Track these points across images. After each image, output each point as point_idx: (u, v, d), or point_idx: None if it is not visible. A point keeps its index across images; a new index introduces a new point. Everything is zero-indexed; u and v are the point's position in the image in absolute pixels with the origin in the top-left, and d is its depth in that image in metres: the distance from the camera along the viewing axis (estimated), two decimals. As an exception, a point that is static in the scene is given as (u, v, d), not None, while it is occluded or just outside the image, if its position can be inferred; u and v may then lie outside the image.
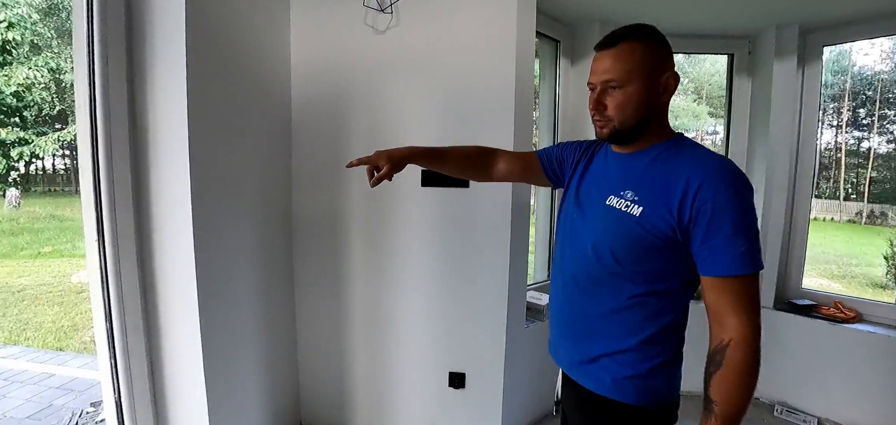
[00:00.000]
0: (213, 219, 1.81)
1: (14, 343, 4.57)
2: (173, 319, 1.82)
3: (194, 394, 1.86)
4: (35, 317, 5.31)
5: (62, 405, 3.39)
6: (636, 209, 1.00)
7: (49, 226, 11.66)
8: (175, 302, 1.80)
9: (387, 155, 1.26)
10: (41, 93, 11.02)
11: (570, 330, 1.18)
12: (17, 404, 3.41)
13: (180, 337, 1.83)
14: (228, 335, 1.99)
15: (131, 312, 1.75)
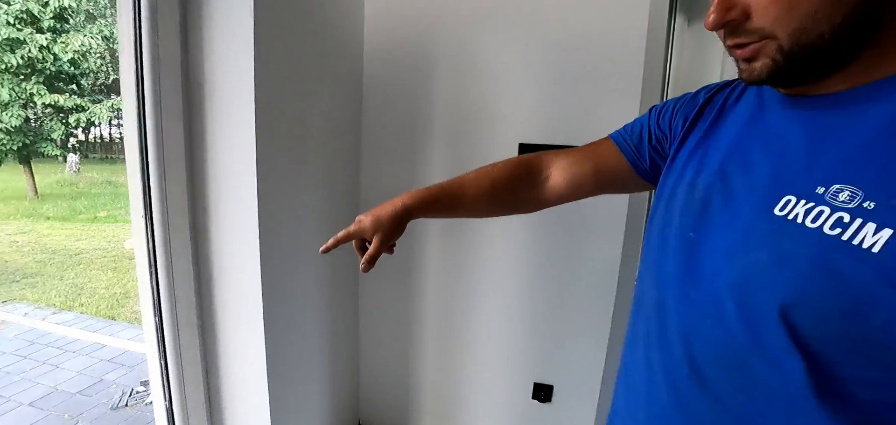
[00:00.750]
0: (278, 193, 1.48)
1: (69, 308, 4.58)
2: (232, 309, 1.53)
3: (253, 388, 1.59)
4: (89, 282, 5.35)
5: (113, 381, 3.28)
6: (870, 232, 0.41)
7: (105, 192, 12.11)
8: (234, 288, 1.50)
9: (373, 219, 0.84)
10: (96, 60, 11.27)
11: None
12: (69, 376, 3.33)
13: (239, 327, 1.54)
14: (291, 325, 1.70)
15: (183, 301, 1.47)
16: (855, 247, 0.40)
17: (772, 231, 0.48)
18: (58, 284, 5.25)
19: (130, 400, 3.01)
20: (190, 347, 1.51)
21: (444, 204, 0.89)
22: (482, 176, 0.89)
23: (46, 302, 4.73)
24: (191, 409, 1.59)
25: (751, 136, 0.58)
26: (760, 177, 0.53)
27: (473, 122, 1.92)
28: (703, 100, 0.68)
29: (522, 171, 0.90)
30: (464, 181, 0.89)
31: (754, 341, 0.48)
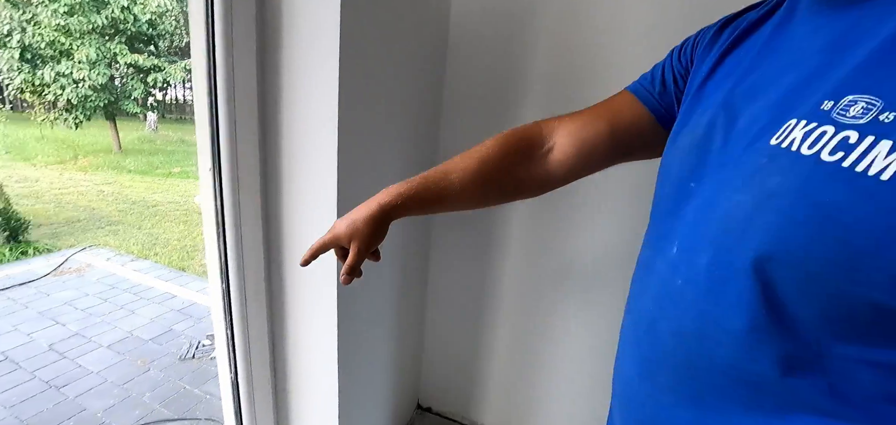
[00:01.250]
0: (357, 156, 1.29)
1: (145, 257, 4.82)
2: (304, 279, 1.36)
3: (322, 364, 1.45)
4: (163, 233, 5.64)
5: (181, 332, 3.37)
6: (881, 154, 0.30)
7: (179, 150, 12.88)
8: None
9: (349, 224, 0.73)
10: (171, 22, 11.79)
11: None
12: (143, 323, 3.46)
13: (309, 299, 1.38)
14: (363, 300, 1.54)
15: (252, 267, 1.32)
16: (857, 174, 0.31)
17: (759, 166, 0.39)
18: (136, 233, 5.57)
19: (197, 353, 3.07)
20: (257, 317, 1.37)
21: (427, 197, 0.73)
22: (469, 158, 0.73)
23: (126, 249, 5.02)
24: (256, 382, 1.47)
25: (766, 56, 0.48)
26: (765, 104, 0.43)
27: (579, 82, 1.61)
28: (722, 22, 0.59)
29: (518, 144, 0.74)
30: (448, 168, 0.74)
31: (718, 306, 0.40)
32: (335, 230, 0.74)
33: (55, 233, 5.39)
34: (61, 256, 4.65)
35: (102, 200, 7.02)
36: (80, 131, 13.82)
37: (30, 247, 4.79)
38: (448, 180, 0.72)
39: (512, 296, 2.01)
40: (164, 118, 19.82)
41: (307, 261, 0.78)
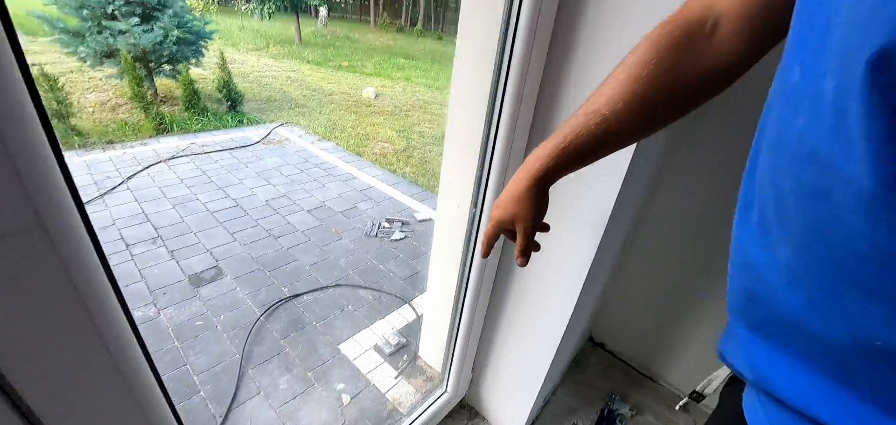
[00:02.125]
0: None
1: (328, 139, 5.33)
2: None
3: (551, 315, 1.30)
4: (340, 120, 6.15)
5: (364, 210, 3.64)
6: None
7: (345, 45, 13.86)
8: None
9: (506, 205, 0.67)
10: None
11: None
12: (333, 196, 3.82)
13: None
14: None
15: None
16: None
17: None
18: (318, 117, 6.18)
19: (379, 233, 3.29)
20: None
21: (584, 150, 0.59)
22: (617, 85, 0.54)
23: (313, 129, 5.61)
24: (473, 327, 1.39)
25: None
26: None
27: None
28: None
29: (673, 40, 0.52)
30: (596, 106, 0.56)
31: (831, 128, 0.31)
32: (496, 216, 0.69)
33: (260, 108, 6.28)
34: (266, 128, 5.40)
35: (290, 85, 7.94)
36: (269, 23, 15.77)
37: (244, 118, 5.66)
38: (604, 121, 0.56)
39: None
40: (330, 17, 21.34)
41: (486, 253, 0.76)
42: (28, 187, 0.41)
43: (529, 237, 0.68)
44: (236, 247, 2.91)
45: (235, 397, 1.89)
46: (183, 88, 5.37)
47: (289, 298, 2.51)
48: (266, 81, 7.92)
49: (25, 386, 0.48)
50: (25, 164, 0.40)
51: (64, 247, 0.46)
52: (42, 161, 0.42)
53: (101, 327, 0.53)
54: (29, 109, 0.40)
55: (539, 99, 1.07)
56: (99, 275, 0.51)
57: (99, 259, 0.51)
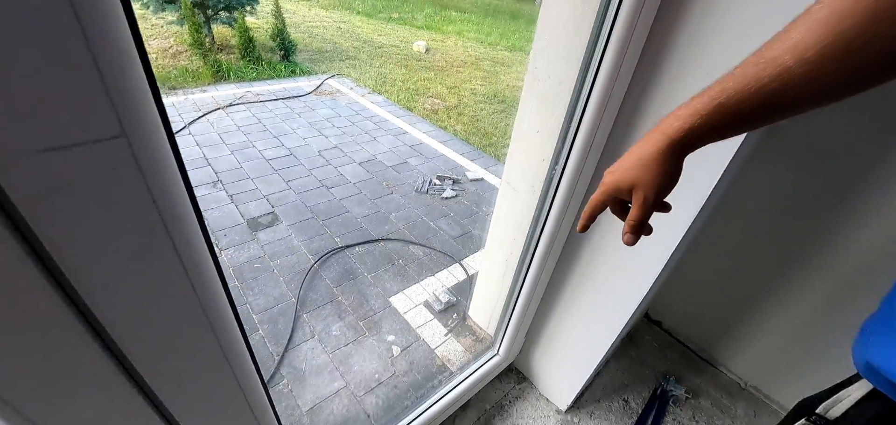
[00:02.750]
0: None
1: (378, 92, 5.28)
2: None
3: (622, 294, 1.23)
4: (390, 74, 6.08)
5: (415, 166, 3.61)
6: None
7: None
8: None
9: (629, 170, 0.56)
10: None
11: None
12: (383, 150, 3.81)
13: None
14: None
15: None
16: None
17: None
18: (368, 69, 6.13)
19: (430, 190, 3.26)
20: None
21: (749, 110, 0.45)
22: (809, 26, 0.41)
23: (363, 82, 5.58)
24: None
25: None
26: None
27: None
28: None
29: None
30: (774, 53, 0.43)
31: None
32: (610, 182, 0.59)
33: (311, 59, 6.30)
34: (318, 79, 5.42)
35: (340, 36, 7.89)
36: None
37: (296, 68, 5.70)
38: (785, 73, 0.42)
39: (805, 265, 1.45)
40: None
41: (585, 227, 0.64)
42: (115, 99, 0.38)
43: (648, 211, 0.57)
44: (291, 195, 2.98)
45: (291, 339, 1.96)
46: (239, 36, 5.45)
47: (341, 248, 2.55)
48: (317, 32, 7.91)
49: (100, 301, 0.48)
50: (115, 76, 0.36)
51: (147, 158, 0.44)
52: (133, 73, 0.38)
53: (182, 253, 0.51)
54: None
55: (647, 44, 0.95)
56: (185, 205, 0.49)
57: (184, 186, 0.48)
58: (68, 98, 0.35)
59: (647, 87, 1.00)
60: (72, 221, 0.40)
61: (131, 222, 0.45)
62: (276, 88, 4.91)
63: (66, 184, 0.38)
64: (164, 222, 0.47)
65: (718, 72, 0.85)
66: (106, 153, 0.39)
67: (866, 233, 1.45)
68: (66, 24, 0.33)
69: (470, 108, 5.20)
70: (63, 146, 0.37)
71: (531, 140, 1.29)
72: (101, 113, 0.37)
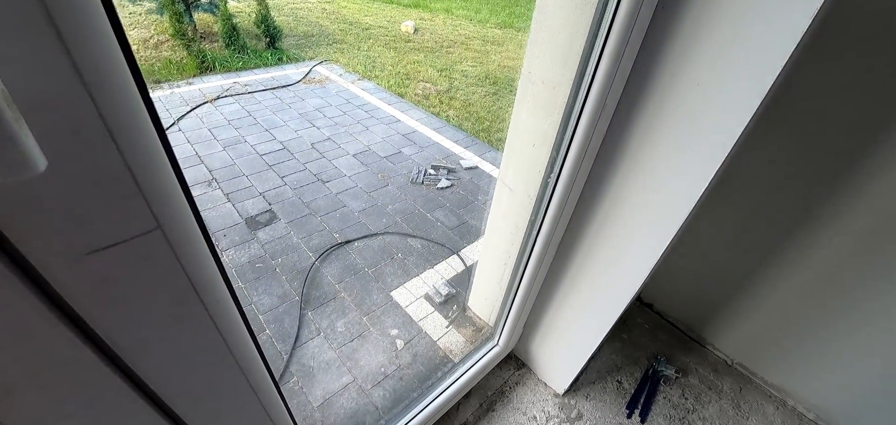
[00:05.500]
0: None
1: (368, 78, 5.23)
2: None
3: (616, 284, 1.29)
4: (379, 57, 6.00)
5: (409, 156, 3.62)
6: None
7: (379, -28, 13.18)
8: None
9: None
10: None
11: None
12: (377, 140, 3.81)
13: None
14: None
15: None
16: None
17: None
18: (357, 53, 6.05)
19: (425, 180, 3.29)
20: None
21: None
22: None
23: (352, 68, 5.51)
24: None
25: None
26: None
27: None
28: None
29: None
30: None
31: None
32: None
33: (298, 44, 6.19)
34: (306, 66, 5.35)
35: (326, 18, 7.73)
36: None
37: (283, 55, 5.61)
38: None
39: (807, 250, 1.54)
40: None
41: None
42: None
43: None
44: (287, 191, 2.99)
45: (298, 337, 2.02)
46: (221, 23, 5.33)
47: (341, 244, 2.59)
48: (302, 15, 7.74)
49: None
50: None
51: (180, 246, 0.48)
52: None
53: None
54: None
55: (640, 53, 0.98)
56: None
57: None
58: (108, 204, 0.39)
59: (640, 96, 1.04)
60: (118, 305, 0.44)
61: (168, 295, 0.49)
62: (264, 78, 4.84)
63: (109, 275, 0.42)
64: (195, 290, 0.51)
65: (711, 82, 0.89)
66: (143, 245, 0.43)
67: (850, 219, 1.52)
68: (101, 140, 0.36)
69: (462, 92, 5.18)
70: (105, 246, 0.40)
71: (526, 147, 1.32)
72: (137, 213, 0.41)
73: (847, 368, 1.73)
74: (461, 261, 2.58)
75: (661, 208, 1.13)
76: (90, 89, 0.34)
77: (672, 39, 0.93)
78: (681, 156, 1.03)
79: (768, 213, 1.71)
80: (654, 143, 1.06)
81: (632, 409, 1.88)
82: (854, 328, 1.65)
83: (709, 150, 0.98)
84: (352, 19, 7.81)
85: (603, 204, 1.26)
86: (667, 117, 1.01)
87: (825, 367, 1.79)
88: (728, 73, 0.88)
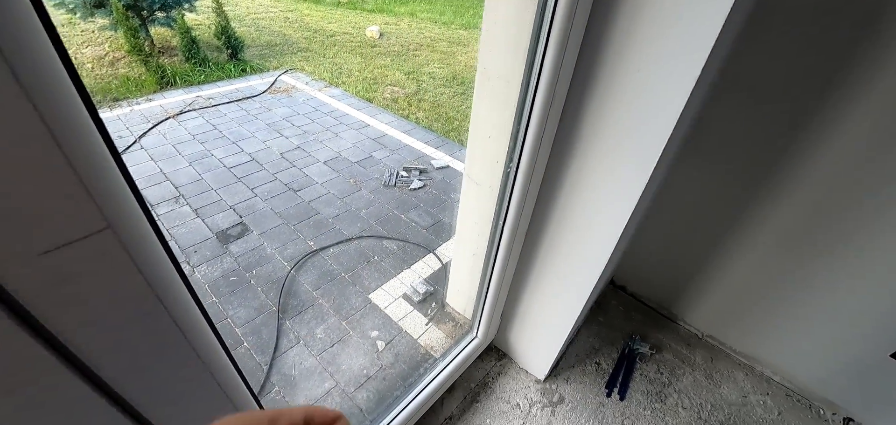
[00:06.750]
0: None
1: (335, 84, 5.19)
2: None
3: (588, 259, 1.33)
4: (346, 64, 5.96)
5: (380, 159, 3.62)
6: None
7: (341, -21, 13.10)
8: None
9: None
10: None
11: None
12: (347, 146, 3.79)
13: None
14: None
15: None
16: None
17: None
18: (323, 61, 5.99)
19: (397, 182, 3.29)
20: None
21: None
22: None
23: (319, 75, 5.46)
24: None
25: None
26: None
27: None
28: None
29: None
30: None
31: None
32: None
33: (261, 55, 6.09)
34: (271, 76, 5.27)
35: (289, 27, 7.63)
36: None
37: (247, 66, 5.50)
38: None
39: (765, 220, 1.63)
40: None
41: None
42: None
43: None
44: (258, 203, 2.94)
45: (277, 347, 1.99)
46: (180, 37, 5.19)
47: (316, 251, 2.57)
48: (263, 24, 7.61)
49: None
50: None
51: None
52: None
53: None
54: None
55: (584, 41, 1.03)
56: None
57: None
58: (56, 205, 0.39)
59: (588, 84, 1.08)
60: (74, 306, 0.44)
61: (125, 294, 0.49)
62: (227, 90, 4.74)
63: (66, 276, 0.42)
64: (152, 289, 0.51)
65: (649, 66, 0.94)
66: (94, 245, 0.43)
67: (799, 187, 1.61)
68: (43, 138, 0.37)
69: (430, 93, 5.20)
70: (57, 246, 0.40)
71: (486, 140, 1.36)
72: (85, 213, 0.41)
73: (808, 332, 1.83)
74: (437, 260, 2.60)
75: (617, 189, 1.17)
76: (29, 94, 0.34)
77: (612, 28, 0.97)
78: (630, 138, 1.07)
79: (724, 189, 1.80)
80: (604, 128, 1.11)
81: (611, 388, 1.94)
82: (812, 294, 1.74)
83: (655, 130, 1.02)
84: (316, 27, 7.73)
85: (563, 190, 1.30)
86: (614, 103, 1.06)
87: (788, 332, 1.89)
88: (665, 55, 0.93)
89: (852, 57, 1.34)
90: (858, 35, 1.31)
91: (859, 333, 1.69)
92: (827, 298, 1.72)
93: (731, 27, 0.92)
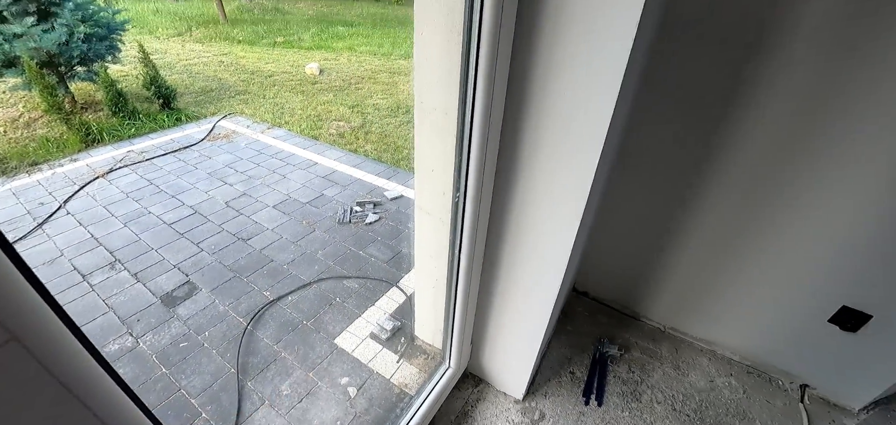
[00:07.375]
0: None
1: (278, 125, 5.06)
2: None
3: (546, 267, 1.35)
4: (287, 103, 5.84)
5: (332, 197, 3.54)
6: None
7: (276, 19, 12.95)
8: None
9: None
10: None
11: None
12: (296, 187, 3.68)
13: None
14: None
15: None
16: None
17: None
18: (263, 102, 5.84)
19: (352, 218, 3.23)
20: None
21: None
22: None
23: (260, 117, 5.30)
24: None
25: None
26: None
27: None
28: None
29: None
30: None
31: None
32: None
33: (197, 101, 5.83)
34: (209, 123, 5.04)
35: (225, 70, 7.39)
36: (187, 3, 14.42)
37: (181, 114, 5.24)
38: None
39: (714, 190, 1.77)
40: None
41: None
42: None
43: None
44: (205, 257, 2.77)
45: (240, 412, 1.86)
46: (104, 91, 4.86)
47: (273, 301, 2.44)
48: (197, 70, 7.32)
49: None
50: None
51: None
52: None
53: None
54: None
55: (512, 70, 1.07)
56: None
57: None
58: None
59: (521, 107, 1.12)
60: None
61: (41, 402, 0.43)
62: (162, 141, 4.48)
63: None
64: (72, 393, 0.46)
65: (574, 84, 0.99)
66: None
67: (729, 177, 1.74)
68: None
69: (376, 125, 5.19)
70: None
71: (431, 171, 1.37)
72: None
73: (756, 309, 1.96)
74: (401, 292, 2.55)
75: (563, 200, 1.21)
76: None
77: (535, 54, 1.02)
78: (567, 152, 1.12)
79: (662, 186, 1.91)
80: (543, 146, 1.15)
81: (588, 395, 1.97)
82: (752, 274, 1.88)
83: (588, 141, 1.08)
84: (252, 68, 7.54)
85: (513, 209, 1.33)
86: (548, 122, 1.11)
87: (738, 313, 2.02)
88: (586, 72, 0.99)
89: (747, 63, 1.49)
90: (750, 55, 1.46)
91: (799, 304, 1.84)
92: (765, 276, 1.86)
93: (642, 44, 0.99)
